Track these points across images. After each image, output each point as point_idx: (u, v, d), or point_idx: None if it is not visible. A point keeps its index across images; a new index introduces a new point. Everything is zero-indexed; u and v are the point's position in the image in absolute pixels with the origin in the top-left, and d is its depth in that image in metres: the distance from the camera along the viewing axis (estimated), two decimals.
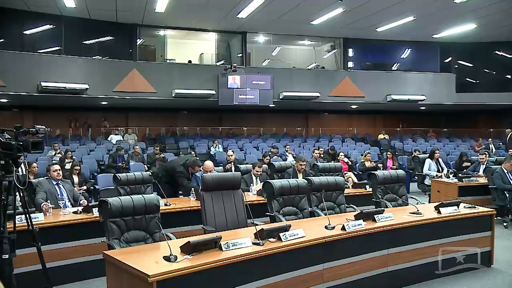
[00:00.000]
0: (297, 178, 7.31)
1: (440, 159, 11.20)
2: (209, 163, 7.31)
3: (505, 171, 8.63)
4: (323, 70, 19.47)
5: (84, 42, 16.76)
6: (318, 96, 17.66)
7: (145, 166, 12.45)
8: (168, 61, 18.00)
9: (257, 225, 4.51)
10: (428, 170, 10.65)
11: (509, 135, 17.70)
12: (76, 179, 9.15)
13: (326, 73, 19.06)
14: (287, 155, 13.91)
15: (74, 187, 7.65)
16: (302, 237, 4.32)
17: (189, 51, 18.99)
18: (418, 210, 5.52)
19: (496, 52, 20.70)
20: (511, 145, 16.84)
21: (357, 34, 18.14)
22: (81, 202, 6.29)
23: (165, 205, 6.07)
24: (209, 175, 5.78)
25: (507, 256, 6.45)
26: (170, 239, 4.27)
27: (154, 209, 4.54)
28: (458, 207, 5.85)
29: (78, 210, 5.67)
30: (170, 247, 3.69)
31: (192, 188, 6.72)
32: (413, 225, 5.23)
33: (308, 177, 6.32)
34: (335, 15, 14.95)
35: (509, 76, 21.28)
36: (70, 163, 10.39)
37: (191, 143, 17.48)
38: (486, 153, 11.48)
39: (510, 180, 8.57)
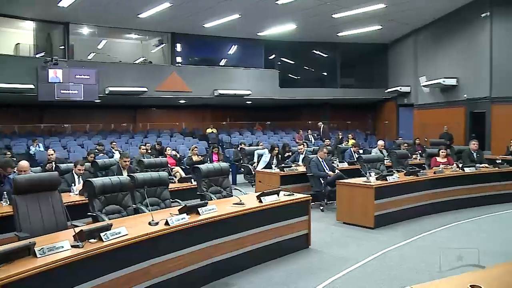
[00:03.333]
0: (122, 175, 7.10)
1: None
2: (23, 163, 6.71)
3: (320, 160, 9.39)
4: (150, 65, 19.31)
5: None
6: (145, 91, 17.42)
7: None
8: None
9: (76, 226, 4.28)
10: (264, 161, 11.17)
11: (322, 127, 19.45)
12: None
13: (154, 67, 18.93)
14: (113, 152, 13.47)
15: None
16: (124, 235, 4.20)
17: (3, 41, 17.32)
18: (241, 201, 5.73)
19: (314, 51, 22.47)
20: (325, 135, 18.51)
21: (185, 29, 18.27)
22: None
23: None
24: (21, 176, 5.32)
25: (323, 237, 7.09)
26: None
27: None
28: (278, 195, 6.21)
29: None
30: None
31: (4, 192, 6.12)
32: (236, 215, 5.42)
33: (131, 174, 6.19)
34: (163, 9, 14.86)
35: (325, 74, 23.29)
36: None
37: (8, 143, 15.97)
38: (305, 143, 12.39)
39: (325, 168, 9.34)
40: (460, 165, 9.91)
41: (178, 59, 19.74)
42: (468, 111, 16.77)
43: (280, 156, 11.78)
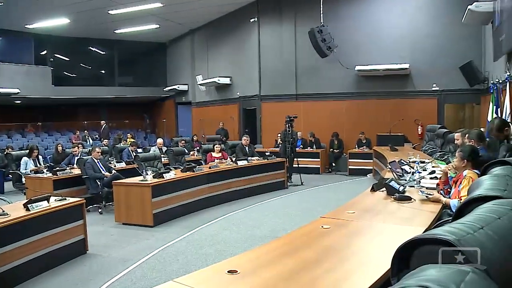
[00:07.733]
0: None
1: (40, 156, 11.07)
2: None
3: (95, 161, 9.14)
4: None
5: None
6: None
7: None
8: None
9: None
10: (25, 168, 10.38)
11: (103, 126, 19.01)
12: None
13: None
14: None
15: None
16: None
17: None
18: (3, 211, 5.24)
19: (91, 48, 21.72)
20: (104, 135, 18.11)
21: None
22: None
23: None
24: None
25: (101, 240, 6.95)
26: None
27: None
28: (48, 201, 5.84)
29: None
30: None
31: None
32: None
33: None
34: None
35: (103, 71, 22.69)
36: None
37: None
38: (81, 145, 11.94)
39: (101, 169, 9.12)
40: (234, 159, 10.62)
41: None
42: (241, 108, 17.93)
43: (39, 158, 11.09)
